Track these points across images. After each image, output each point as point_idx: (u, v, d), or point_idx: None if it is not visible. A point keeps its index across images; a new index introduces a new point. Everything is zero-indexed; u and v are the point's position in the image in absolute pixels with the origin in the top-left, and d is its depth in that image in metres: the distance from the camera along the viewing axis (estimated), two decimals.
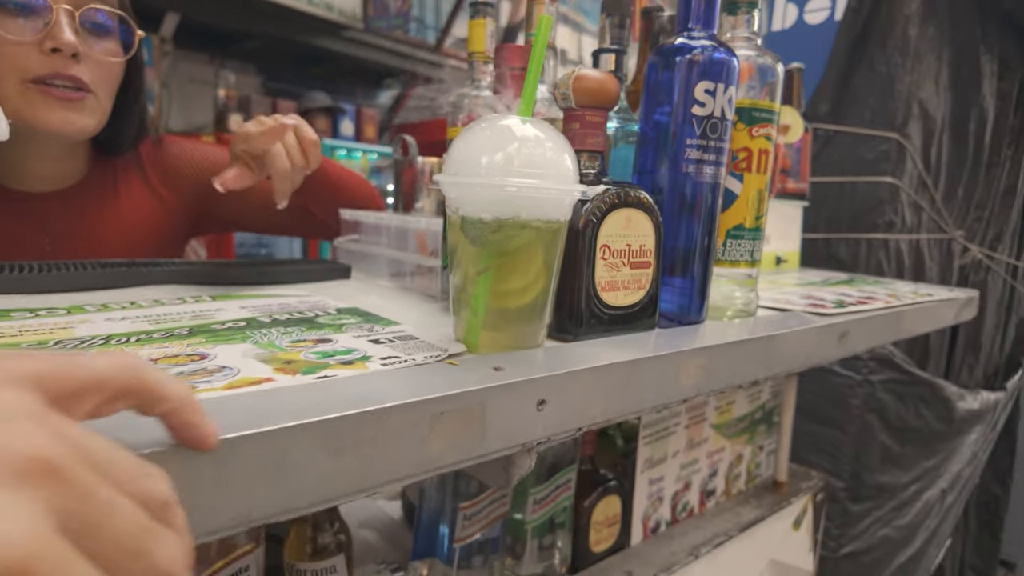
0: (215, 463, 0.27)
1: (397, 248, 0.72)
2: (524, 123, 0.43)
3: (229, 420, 0.28)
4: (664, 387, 0.48)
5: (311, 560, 0.62)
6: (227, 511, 0.28)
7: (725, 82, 0.55)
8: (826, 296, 0.80)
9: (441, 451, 0.35)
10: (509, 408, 0.38)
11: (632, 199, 0.52)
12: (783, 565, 1.08)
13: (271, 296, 0.59)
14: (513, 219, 0.42)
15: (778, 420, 1.16)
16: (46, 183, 0.83)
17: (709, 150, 0.56)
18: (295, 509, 0.30)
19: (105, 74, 0.76)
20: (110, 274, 0.61)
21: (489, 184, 0.41)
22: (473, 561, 0.74)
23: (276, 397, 0.32)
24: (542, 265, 0.44)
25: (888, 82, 1.39)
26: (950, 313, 0.93)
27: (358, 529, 0.94)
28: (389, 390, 0.34)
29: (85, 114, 0.75)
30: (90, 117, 0.76)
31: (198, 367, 0.35)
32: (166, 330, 0.44)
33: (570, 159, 0.45)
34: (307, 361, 0.37)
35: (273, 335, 0.43)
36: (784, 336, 0.58)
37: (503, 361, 0.41)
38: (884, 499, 1.60)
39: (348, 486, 0.31)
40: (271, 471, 0.29)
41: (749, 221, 0.62)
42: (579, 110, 0.52)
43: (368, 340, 0.43)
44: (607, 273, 0.51)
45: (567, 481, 0.83)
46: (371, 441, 0.32)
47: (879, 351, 1.44)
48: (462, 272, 0.45)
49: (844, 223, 1.45)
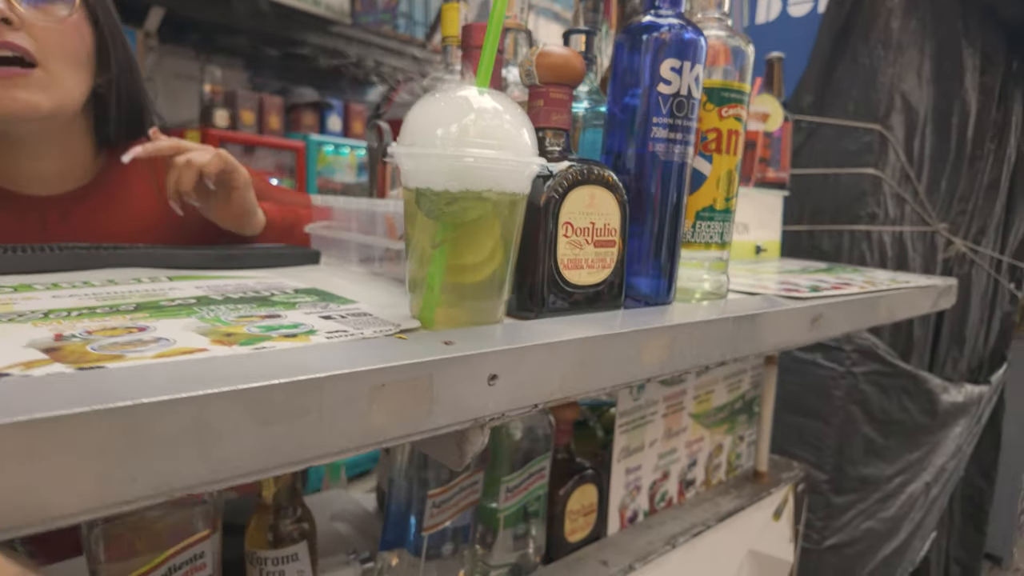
0: (130, 429, 0.26)
1: (366, 233, 0.71)
2: (481, 94, 0.42)
3: (149, 385, 0.27)
4: (626, 366, 0.48)
5: (272, 548, 0.61)
6: (146, 479, 0.27)
7: (692, 60, 0.54)
8: (802, 282, 0.80)
9: (385, 424, 0.34)
10: (458, 382, 0.37)
11: (596, 176, 0.51)
12: (763, 556, 1.08)
13: (230, 278, 0.58)
14: (469, 191, 0.41)
15: (759, 410, 1.15)
16: (46, 185, 0.77)
17: (676, 129, 0.55)
18: (221, 480, 0.29)
19: (54, 42, 0.68)
20: (68, 256, 0.60)
21: (445, 155, 0.40)
22: (443, 550, 0.73)
23: (205, 365, 0.31)
24: (499, 239, 0.43)
25: (871, 74, 1.39)
26: (928, 300, 0.93)
27: (330, 521, 0.93)
28: (328, 360, 0.33)
29: (32, 90, 0.68)
30: (39, 92, 0.68)
31: (134, 338, 0.34)
32: (112, 306, 0.42)
33: (528, 133, 0.44)
34: (248, 334, 0.36)
35: (221, 311, 0.42)
36: (753, 317, 0.57)
37: (456, 336, 0.41)
38: (868, 491, 1.59)
39: (281, 458, 0.30)
40: (193, 439, 0.28)
41: (719, 203, 0.61)
42: (543, 87, 0.51)
43: (319, 316, 0.42)
44: (570, 251, 0.50)
45: (541, 469, 0.82)
46: (306, 412, 0.31)
47: (862, 342, 1.44)
48: (418, 247, 0.44)
49: (827, 215, 1.45)
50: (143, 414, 0.26)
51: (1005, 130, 1.87)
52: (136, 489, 0.27)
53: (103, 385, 0.27)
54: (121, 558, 0.53)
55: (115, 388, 0.27)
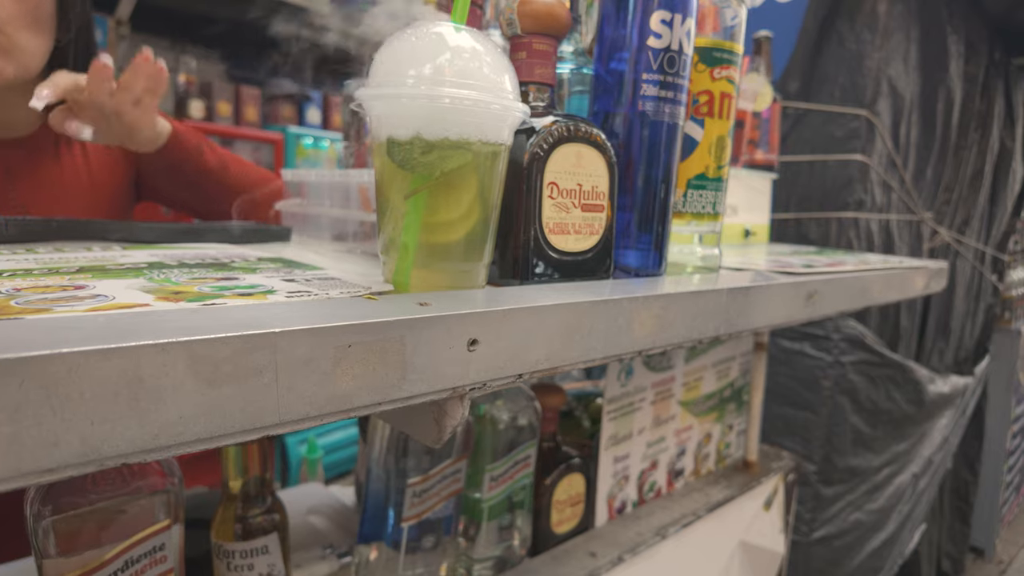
0: (51, 383, 0.22)
1: (340, 207, 0.67)
2: (458, 31, 0.39)
3: (75, 335, 0.23)
4: (616, 336, 0.44)
5: (240, 540, 0.57)
6: (71, 443, 0.23)
7: (683, 13, 0.51)
8: (794, 261, 0.77)
9: (352, 390, 0.31)
10: (434, 346, 0.33)
11: (583, 134, 0.47)
12: (754, 547, 1.05)
13: (189, 248, 0.54)
14: (446, 139, 0.38)
15: (748, 399, 1.13)
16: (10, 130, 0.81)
17: (667, 87, 0.52)
18: (162, 447, 0.25)
19: (14, 7, 0.69)
20: (19, 228, 0.55)
21: (417, 95, 0.37)
22: (424, 542, 0.70)
23: (142, 317, 0.27)
24: (478, 194, 0.40)
25: (857, 59, 1.38)
26: (920, 282, 0.91)
27: (307, 515, 0.89)
28: (285, 317, 0.29)
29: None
30: (6, 62, 0.70)
31: (67, 295, 0.30)
32: (52, 268, 0.38)
33: (510, 79, 0.40)
34: (198, 292, 0.32)
35: (173, 274, 0.38)
36: (748, 291, 0.55)
37: (432, 298, 0.37)
38: (856, 483, 1.58)
39: (232, 423, 0.27)
40: (126, 399, 0.24)
41: (711, 170, 0.58)
42: (526, 37, 0.48)
43: (281, 279, 0.39)
44: (556, 214, 0.47)
45: (526, 458, 0.78)
46: (259, 372, 0.27)
47: (849, 331, 1.43)
48: (390, 204, 0.40)
49: (814, 202, 1.43)
50: (63, 365, 0.22)
51: (988, 121, 1.87)
52: (58, 456, 0.23)
53: (17, 334, 0.24)
54: (73, 552, 0.49)
55: (31, 337, 0.23)
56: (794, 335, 1.46)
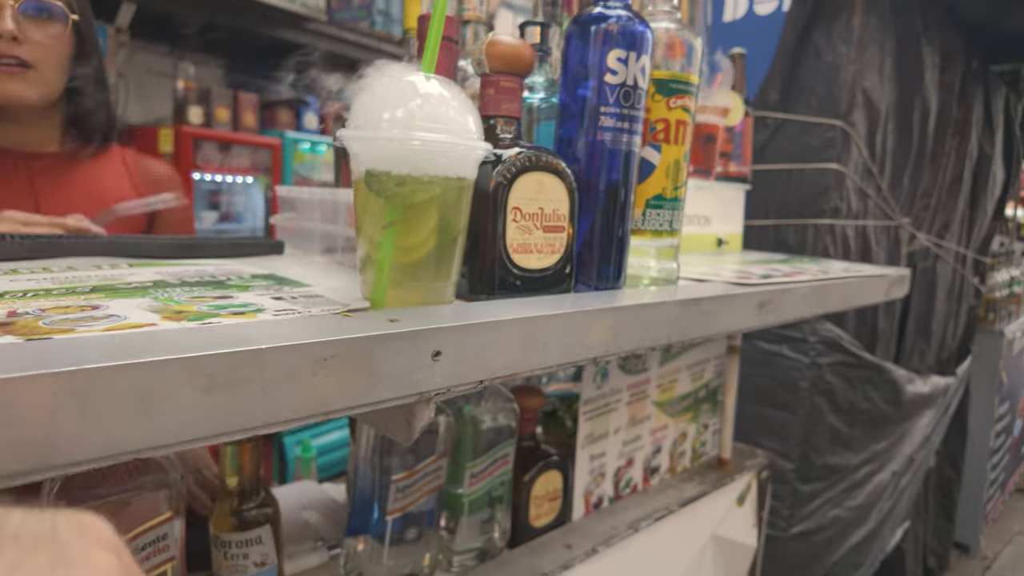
0: (78, 393, 0.27)
1: (329, 223, 0.72)
2: (428, 79, 0.44)
3: (96, 354, 0.29)
4: (571, 345, 0.49)
5: (236, 531, 0.62)
6: (93, 442, 0.28)
7: (638, 51, 0.56)
8: (755, 271, 0.82)
9: (328, 396, 0.36)
10: (401, 357, 0.39)
11: (544, 163, 0.53)
12: (726, 540, 1.10)
13: (190, 265, 0.59)
14: (416, 175, 0.43)
15: (722, 399, 1.18)
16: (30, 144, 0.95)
17: (624, 118, 0.57)
18: (168, 444, 0.30)
19: (47, 51, 0.88)
20: (30, 245, 0.61)
21: (392, 138, 0.42)
22: (407, 535, 0.75)
23: (151, 337, 0.32)
24: (448, 222, 0.45)
25: (833, 71, 1.43)
26: (880, 290, 0.96)
27: (300, 510, 0.94)
28: (270, 334, 0.34)
29: (28, 85, 0.88)
30: (33, 88, 0.88)
31: (86, 315, 0.35)
32: (68, 288, 0.44)
33: (474, 120, 0.46)
34: (197, 312, 0.37)
35: (175, 293, 0.43)
36: (699, 301, 0.60)
37: (402, 314, 0.42)
38: (835, 480, 1.63)
39: (225, 424, 0.32)
40: (139, 405, 0.29)
41: (668, 191, 0.63)
42: (494, 76, 0.53)
43: (271, 298, 0.44)
44: (519, 235, 0.52)
45: (505, 455, 0.83)
46: (249, 381, 0.32)
47: (826, 334, 1.48)
48: (367, 230, 0.45)
49: (792, 209, 1.48)
50: (88, 379, 0.27)
51: (966, 127, 1.92)
52: (81, 452, 0.28)
53: (51, 353, 0.29)
54: None
55: (62, 355, 0.28)
56: (773, 338, 1.51)
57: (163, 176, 1.11)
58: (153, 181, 1.07)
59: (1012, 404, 2.99)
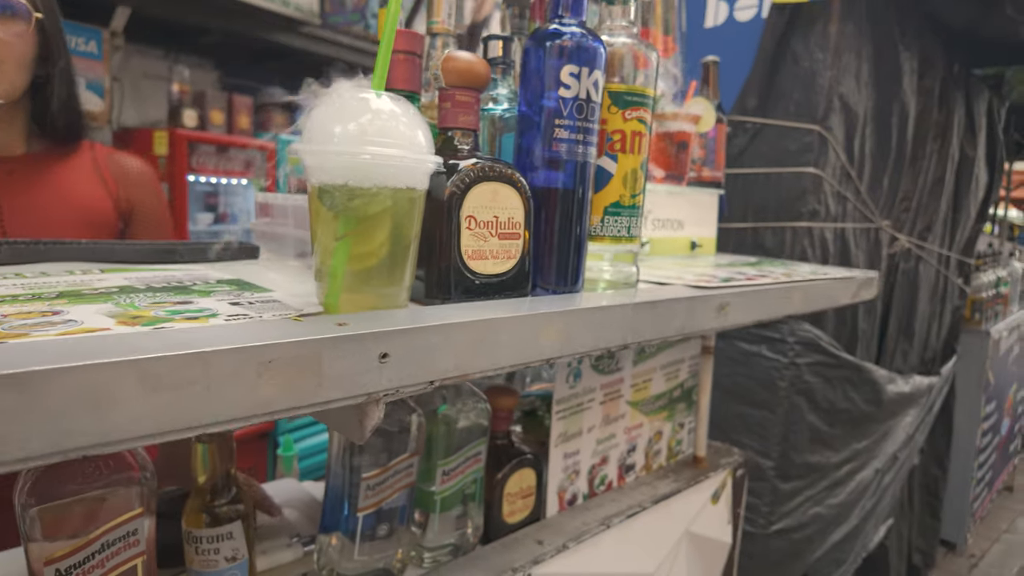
0: (23, 394, 0.29)
1: (303, 228, 0.74)
2: (379, 96, 0.46)
3: (43, 356, 0.31)
4: (523, 347, 0.52)
5: (207, 527, 0.64)
6: (40, 439, 0.30)
7: (590, 66, 0.58)
8: (720, 274, 0.84)
9: (273, 397, 0.38)
10: (347, 359, 0.41)
11: (497, 173, 0.55)
12: (700, 537, 1.13)
13: (160, 270, 0.61)
14: (368, 187, 0.45)
15: (697, 399, 1.20)
16: None
17: (578, 130, 0.59)
18: (114, 442, 0.32)
19: (8, 50, 0.87)
20: (6, 250, 0.63)
21: (343, 152, 0.44)
22: (378, 531, 0.77)
23: (101, 341, 0.34)
24: (400, 230, 0.47)
25: (810, 77, 1.45)
26: (848, 291, 0.98)
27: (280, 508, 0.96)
28: (216, 338, 0.36)
29: None
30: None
31: (44, 320, 0.38)
32: (35, 294, 0.46)
33: (423, 134, 0.48)
34: (153, 317, 0.40)
35: (138, 299, 0.46)
36: (653, 304, 0.62)
37: (352, 319, 0.44)
38: (815, 478, 1.66)
39: (171, 423, 0.34)
40: (86, 404, 0.31)
41: (625, 199, 0.65)
42: (450, 90, 0.55)
43: (228, 303, 0.46)
44: (474, 242, 0.54)
45: (476, 453, 0.86)
46: (193, 383, 0.34)
47: (804, 334, 1.50)
48: (321, 239, 0.47)
49: (770, 212, 1.51)
50: (35, 380, 0.30)
51: (947, 131, 1.94)
52: (29, 448, 0.30)
53: (1, 356, 0.31)
54: (57, 536, 0.56)
55: (11, 358, 0.30)
56: (752, 338, 1.53)
57: (135, 172, 1.09)
58: (125, 177, 1.06)
59: (999, 403, 3.02)
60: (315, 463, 2.60)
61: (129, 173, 1.07)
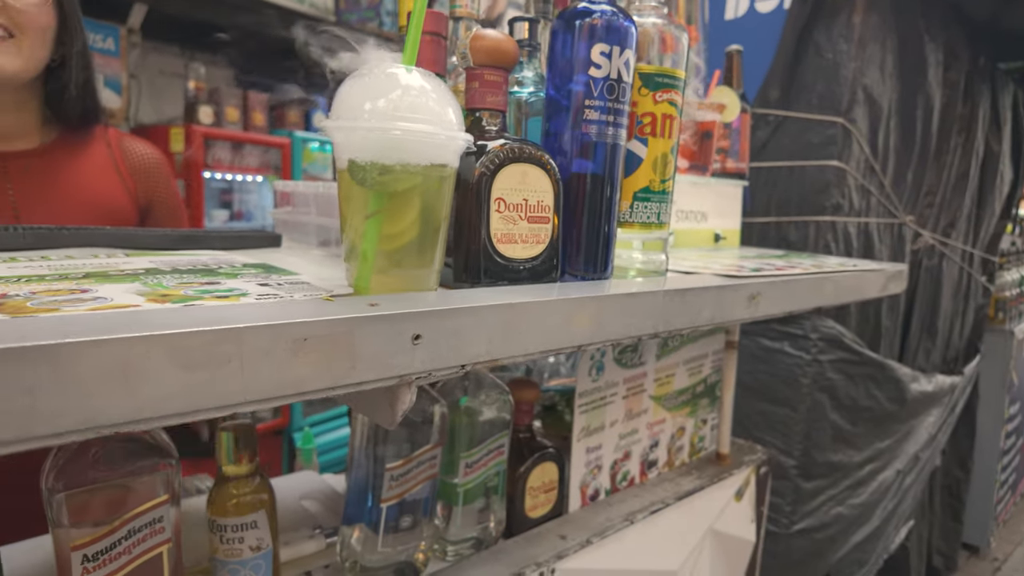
0: (56, 364, 0.28)
1: (325, 215, 0.74)
2: (409, 71, 0.45)
3: (75, 328, 0.30)
4: (554, 333, 0.50)
5: (232, 515, 0.64)
6: (71, 414, 0.29)
7: (621, 45, 0.57)
8: (748, 265, 0.83)
9: (307, 376, 0.37)
10: (380, 340, 0.40)
11: (527, 154, 0.54)
12: (723, 535, 1.11)
13: (185, 255, 0.60)
14: (398, 164, 0.44)
15: (720, 395, 1.19)
16: (4, 139, 0.91)
17: (608, 111, 0.58)
18: (146, 419, 0.32)
19: (26, 21, 0.85)
20: (31, 235, 0.62)
21: (373, 127, 0.43)
22: (402, 522, 0.76)
23: (132, 316, 0.33)
24: (430, 210, 0.46)
25: (833, 68, 1.43)
26: (877, 284, 0.96)
27: (300, 499, 0.95)
28: (249, 315, 0.35)
29: (9, 55, 0.85)
30: (15, 58, 0.85)
31: (73, 298, 0.37)
32: (61, 275, 0.45)
33: (454, 111, 0.47)
34: (182, 295, 0.39)
35: (165, 279, 0.45)
36: (684, 292, 0.60)
37: (383, 299, 0.43)
38: (837, 477, 1.63)
39: (204, 401, 0.33)
40: (117, 379, 0.30)
41: (655, 184, 0.64)
42: (478, 69, 0.54)
43: (257, 284, 0.45)
44: (503, 225, 0.53)
45: (499, 446, 0.84)
46: (227, 359, 0.33)
47: (827, 331, 1.48)
48: (351, 219, 0.46)
49: (793, 206, 1.48)
50: (67, 353, 0.29)
51: (972, 124, 1.91)
52: (60, 423, 0.29)
53: (33, 328, 0.30)
54: (83, 523, 0.56)
55: (43, 330, 0.30)
56: (774, 334, 1.51)
57: (151, 164, 1.06)
58: (141, 171, 1.04)
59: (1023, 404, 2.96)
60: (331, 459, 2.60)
61: (144, 166, 1.05)
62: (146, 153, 1.07)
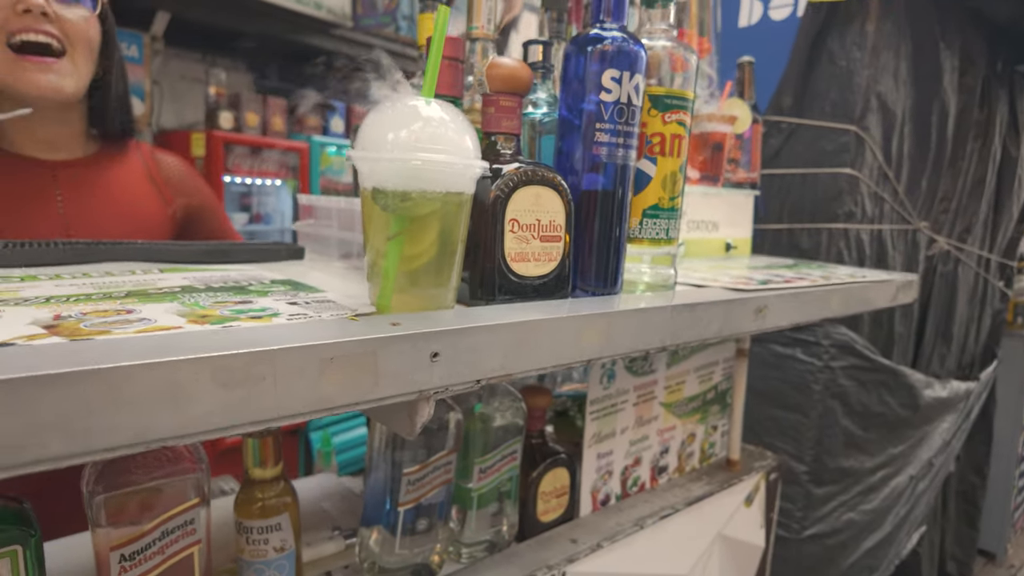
0: (109, 386, 0.31)
1: (347, 229, 0.77)
2: (428, 104, 0.48)
3: (128, 352, 0.33)
4: (565, 348, 0.53)
5: (258, 517, 0.67)
6: (123, 431, 0.32)
7: (631, 71, 0.59)
8: (757, 276, 0.85)
9: (334, 393, 0.40)
10: (401, 357, 0.42)
11: (540, 177, 0.56)
12: (733, 540, 1.13)
13: (215, 270, 0.64)
14: (418, 191, 0.47)
15: (731, 401, 1.20)
16: (54, 150, 0.94)
17: (618, 134, 0.60)
18: (191, 434, 0.35)
19: (77, 34, 0.86)
20: (69, 251, 0.66)
21: (395, 158, 0.46)
22: (418, 525, 0.79)
23: (177, 338, 0.36)
24: (448, 232, 0.49)
25: (847, 76, 1.44)
26: (886, 294, 0.98)
27: (319, 501, 0.98)
28: (282, 336, 0.38)
29: (59, 75, 0.86)
30: (65, 78, 0.86)
31: (121, 318, 0.40)
32: (105, 293, 0.48)
33: (471, 139, 0.49)
34: (220, 316, 0.42)
35: (201, 298, 0.48)
36: (692, 307, 0.63)
37: (404, 319, 0.46)
38: (848, 483, 1.64)
39: (242, 417, 0.36)
40: (166, 398, 0.33)
41: (664, 202, 0.66)
42: (494, 95, 0.57)
43: (286, 303, 0.48)
44: (516, 245, 0.56)
45: (512, 452, 0.87)
46: (262, 379, 0.36)
47: (839, 337, 1.49)
48: (374, 241, 0.49)
49: (806, 213, 1.49)
50: (120, 375, 0.32)
51: (989, 130, 1.90)
52: (115, 438, 0.32)
53: (90, 352, 0.33)
54: (121, 523, 0.59)
55: (99, 354, 0.33)
56: (786, 341, 1.52)
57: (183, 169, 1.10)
58: (177, 183, 1.07)
59: None
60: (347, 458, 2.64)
61: (178, 174, 1.08)
62: (176, 163, 1.11)
